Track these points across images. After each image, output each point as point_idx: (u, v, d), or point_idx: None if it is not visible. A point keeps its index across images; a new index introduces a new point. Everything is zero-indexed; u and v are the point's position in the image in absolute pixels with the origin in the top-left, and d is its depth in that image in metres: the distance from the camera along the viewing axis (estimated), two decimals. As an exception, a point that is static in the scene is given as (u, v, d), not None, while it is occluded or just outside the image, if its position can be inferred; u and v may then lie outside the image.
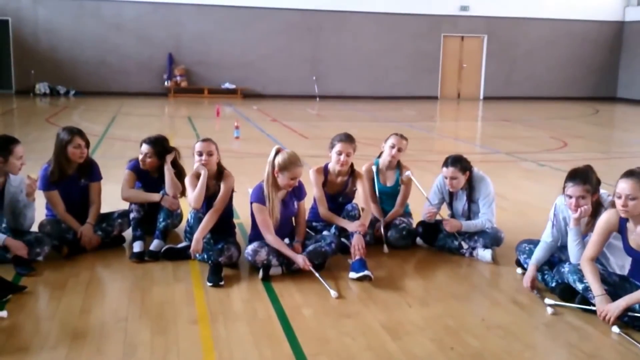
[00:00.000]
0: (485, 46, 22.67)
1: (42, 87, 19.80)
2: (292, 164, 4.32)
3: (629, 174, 3.62)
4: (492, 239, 4.85)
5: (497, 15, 22.17)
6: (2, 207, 4.43)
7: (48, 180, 4.72)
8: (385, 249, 4.95)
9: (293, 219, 4.63)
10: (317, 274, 4.20)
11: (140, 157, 4.96)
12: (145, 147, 4.96)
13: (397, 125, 13.18)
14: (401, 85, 22.05)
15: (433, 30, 22.13)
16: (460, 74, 22.88)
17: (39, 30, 19.45)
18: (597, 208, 3.99)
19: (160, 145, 4.98)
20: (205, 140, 4.71)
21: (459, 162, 4.85)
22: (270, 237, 4.32)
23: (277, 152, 4.36)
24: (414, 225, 5.16)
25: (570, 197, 3.97)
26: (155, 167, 5.00)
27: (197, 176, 4.58)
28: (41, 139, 10.21)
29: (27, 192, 4.44)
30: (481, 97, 22.91)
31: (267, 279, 4.26)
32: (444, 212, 5.14)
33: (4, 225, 4.41)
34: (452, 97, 22.80)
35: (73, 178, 4.77)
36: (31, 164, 5.22)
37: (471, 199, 4.92)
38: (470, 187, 4.90)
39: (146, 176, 5.04)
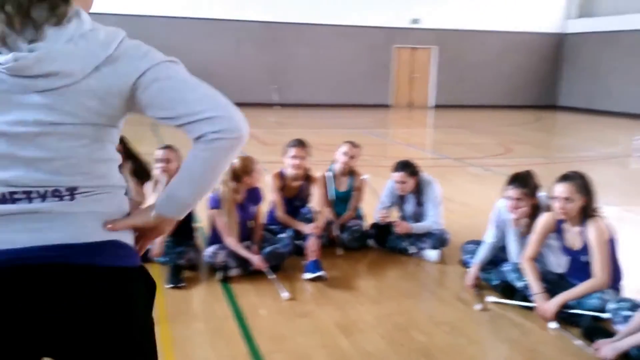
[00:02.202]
0: (435, 57, 23.02)
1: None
2: (249, 166, 4.35)
3: (565, 177, 3.74)
4: (439, 240, 4.94)
5: (446, 27, 22.55)
6: None
7: None
8: (339, 250, 4.99)
9: (250, 222, 4.63)
10: (271, 276, 4.22)
11: None
12: None
13: (353, 132, 13.28)
14: (357, 94, 22.22)
15: (386, 42, 22.38)
16: (412, 84, 23.18)
17: None
18: (536, 210, 4.11)
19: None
20: (165, 147, 4.67)
21: (407, 167, 4.94)
22: (229, 240, 4.32)
23: (230, 165, 4.35)
24: (366, 228, 5.23)
25: (509, 199, 4.09)
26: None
27: (157, 183, 4.55)
28: None
29: None
30: (431, 105, 23.24)
31: (225, 280, 4.26)
32: (395, 214, 5.22)
33: None
34: (404, 106, 23.06)
35: None
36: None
37: (419, 202, 5.01)
38: (419, 191, 4.99)
39: None
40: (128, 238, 1.46)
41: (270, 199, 4.99)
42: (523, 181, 4.09)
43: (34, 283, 1.31)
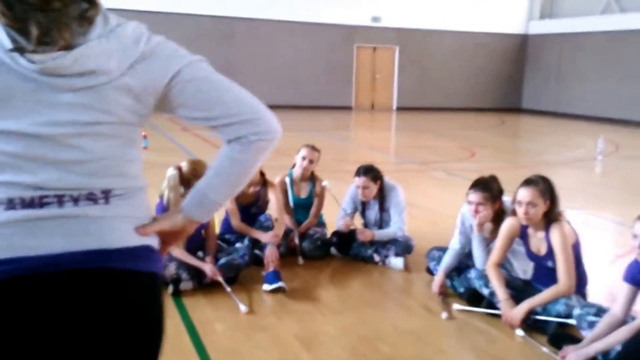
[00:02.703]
0: (397, 57, 23.22)
1: None
2: (199, 170, 4.24)
3: (528, 182, 3.80)
4: (404, 247, 4.96)
5: (408, 27, 22.76)
6: None
7: None
8: (300, 259, 4.97)
9: (203, 231, 4.56)
10: (227, 288, 4.17)
11: None
12: None
13: (313, 135, 13.29)
14: (316, 95, 22.23)
15: (346, 41, 22.46)
16: (374, 85, 23.33)
17: None
18: (500, 215, 4.17)
19: None
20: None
21: (370, 172, 4.96)
22: (176, 250, 4.23)
23: (179, 168, 4.24)
24: (328, 235, 5.22)
25: (471, 203, 4.14)
26: None
27: None
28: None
29: None
30: (394, 107, 23.44)
31: (177, 293, 4.18)
32: (357, 221, 5.23)
33: None
34: (366, 108, 23.20)
35: None
36: None
37: (383, 208, 5.04)
38: (382, 196, 5.01)
39: None
40: (155, 242, 1.50)
41: (225, 206, 4.93)
42: (485, 186, 4.15)
43: (71, 288, 1.34)
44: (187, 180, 4.16)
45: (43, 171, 1.32)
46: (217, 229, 4.89)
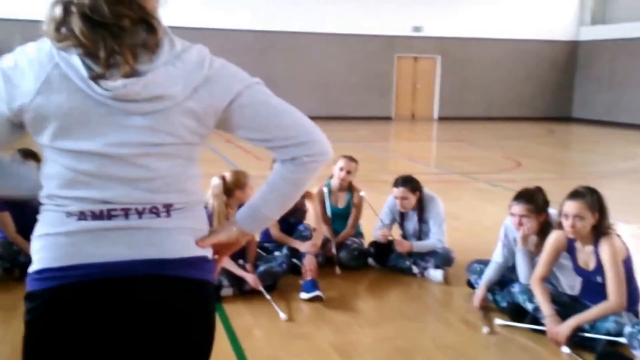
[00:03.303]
0: (438, 66, 23.20)
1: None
2: (241, 180, 4.43)
3: (575, 194, 3.80)
4: (443, 259, 5.00)
5: (450, 35, 22.74)
6: None
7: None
8: (337, 269, 5.05)
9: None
10: (267, 296, 4.29)
11: None
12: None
13: (351, 146, 13.36)
14: (355, 106, 22.34)
15: (386, 51, 22.54)
16: (414, 95, 23.34)
17: None
18: (546, 228, 4.16)
19: None
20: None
21: (409, 183, 5.02)
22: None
23: (223, 178, 4.44)
24: (366, 246, 5.29)
25: (514, 215, 4.16)
26: None
27: None
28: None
29: None
30: (435, 117, 23.39)
31: (218, 300, 4.32)
32: (396, 232, 5.29)
33: None
34: (406, 118, 23.20)
35: (25, 200, 4.69)
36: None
37: (422, 219, 5.09)
38: (421, 207, 5.07)
39: None
40: (210, 253, 1.63)
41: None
42: (529, 197, 4.16)
43: (134, 292, 1.49)
44: (229, 189, 4.37)
45: (111, 188, 1.47)
46: (257, 238, 5.02)
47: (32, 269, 1.51)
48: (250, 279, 4.36)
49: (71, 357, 1.48)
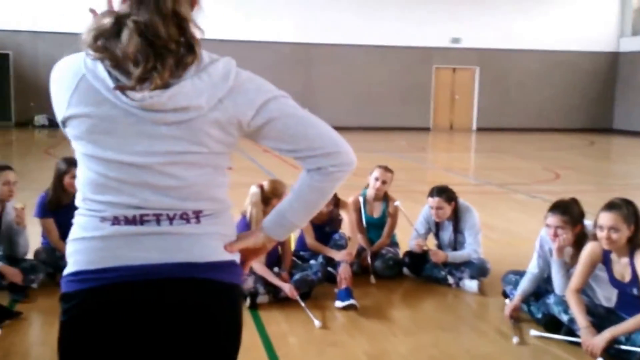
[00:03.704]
0: (477, 77, 23.06)
1: (41, 119, 19.88)
2: (279, 189, 4.49)
3: (611, 205, 3.75)
4: (479, 270, 4.98)
5: (489, 47, 22.59)
6: None
7: (44, 208, 4.83)
8: (372, 279, 5.06)
9: (279, 248, 4.75)
10: (302, 303, 4.32)
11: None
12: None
13: (388, 156, 13.37)
14: (393, 117, 22.34)
15: (424, 62, 22.52)
16: (453, 106, 23.23)
17: (39, 64, 19.45)
18: (582, 239, 4.12)
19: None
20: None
21: (444, 192, 5.02)
22: (257, 266, 4.44)
23: (261, 187, 4.49)
24: (401, 256, 5.29)
25: (549, 227, 4.13)
26: None
27: None
28: (40, 169, 10.16)
29: (15, 220, 4.59)
30: (474, 128, 23.22)
31: (254, 307, 4.38)
32: (431, 242, 5.28)
33: (0, 252, 4.54)
34: (445, 128, 23.10)
35: (69, 207, 4.82)
36: (30, 193, 5.51)
37: (457, 230, 5.07)
38: (456, 218, 5.05)
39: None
40: (238, 257, 1.68)
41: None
42: (564, 208, 4.12)
43: (165, 294, 1.54)
44: (267, 198, 4.43)
45: (141, 194, 1.52)
46: (293, 246, 5.07)
47: (67, 271, 1.58)
48: (287, 288, 4.40)
49: (103, 356, 1.54)
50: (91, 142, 1.52)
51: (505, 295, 4.66)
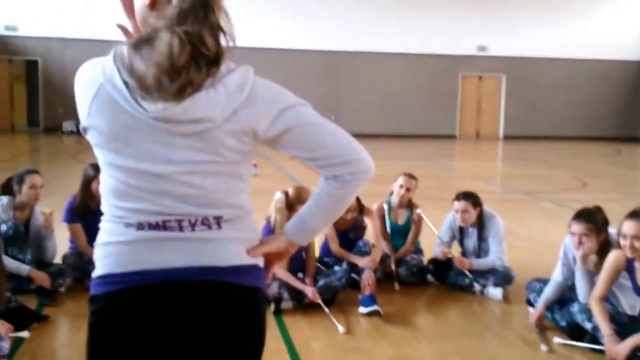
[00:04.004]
0: (504, 85, 22.92)
1: (69, 125, 20.31)
2: (303, 196, 4.53)
3: (634, 214, 3.73)
4: (503, 278, 4.95)
5: (515, 55, 22.46)
6: (27, 239, 4.68)
7: (72, 213, 4.90)
8: (396, 285, 5.07)
9: (304, 254, 4.79)
10: (326, 309, 4.35)
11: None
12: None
13: (414, 164, 13.36)
14: (419, 124, 22.32)
15: (451, 70, 22.47)
16: (479, 113, 23.12)
17: (67, 70, 19.94)
18: (606, 247, 4.09)
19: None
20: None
21: (470, 197, 5.02)
22: (280, 271, 4.49)
23: (286, 193, 4.54)
24: (425, 263, 5.30)
25: (573, 234, 4.11)
26: None
27: None
28: (68, 175, 10.36)
29: (43, 225, 4.69)
30: (501, 136, 23.07)
31: (278, 312, 4.42)
32: (455, 250, 5.27)
33: (28, 257, 4.63)
34: (471, 136, 22.99)
35: (96, 212, 4.90)
36: (58, 199, 5.61)
37: (481, 237, 5.07)
38: (481, 225, 5.05)
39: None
40: (261, 261, 1.71)
41: (324, 232, 5.15)
42: (588, 216, 4.10)
43: (188, 297, 1.57)
44: (291, 204, 4.48)
45: (162, 201, 1.55)
46: (317, 253, 5.11)
47: (95, 274, 1.62)
48: (309, 291, 4.44)
49: (129, 356, 1.58)
50: (111, 150, 1.55)
51: (530, 303, 4.64)
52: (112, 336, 1.59)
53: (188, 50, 1.45)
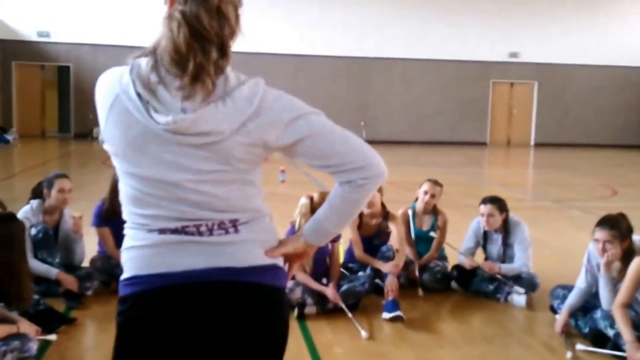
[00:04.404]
0: (535, 92, 22.77)
1: (99, 131, 20.65)
2: None
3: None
4: (527, 284, 4.98)
5: (548, 61, 22.30)
6: (56, 242, 4.82)
7: (100, 217, 5.03)
8: (420, 291, 5.13)
9: (328, 260, 4.87)
10: (349, 314, 4.43)
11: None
12: None
13: (444, 171, 13.36)
14: (449, 131, 22.27)
15: (482, 77, 22.40)
16: (510, 120, 22.99)
17: (97, 76, 20.06)
18: (630, 254, 4.11)
19: None
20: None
21: (496, 201, 5.07)
22: (301, 276, 4.59)
23: (311, 198, 4.63)
24: (449, 269, 5.35)
25: (597, 241, 4.13)
26: None
27: None
28: (97, 181, 10.52)
29: (73, 229, 4.83)
30: (532, 143, 22.91)
31: (301, 317, 4.51)
32: (479, 257, 5.31)
33: (57, 260, 4.76)
34: (502, 144, 22.87)
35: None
36: (87, 204, 5.80)
37: (506, 243, 5.10)
38: (506, 231, 5.08)
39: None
40: (280, 261, 1.80)
41: (348, 237, 5.23)
42: (612, 223, 4.12)
43: (210, 296, 1.67)
44: (315, 209, 4.55)
45: (178, 207, 1.64)
46: (342, 259, 5.19)
47: (123, 276, 1.72)
48: (330, 293, 4.52)
49: (156, 353, 1.68)
50: (127, 159, 1.65)
51: (553, 310, 4.66)
52: (138, 335, 1.69)
53: (185, 30, 1.54)
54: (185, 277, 1.65)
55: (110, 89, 1.64)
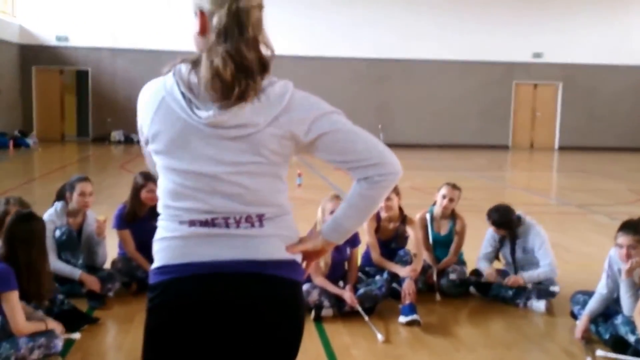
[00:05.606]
0: (560, 94, 22.64)
1: (117, 135, 21.00)
2: None
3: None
4: (547, 290, 5.01)
5: (572, 62, 22.15)
6: (79, 244, 4.98)
7: (121, 220, 5.20)
8: (438, 296, 5.18)
9: (346, 263, 4.95)
10: (366, 317, 4.50)
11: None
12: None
13: (465, 175, 13.37)
14: (471, 134, 22.21)
15: (505, 78, 22.30)
16: (534, 123, 22.87)
17: (116, 80, 20.76)
18: (651, 260, 4.13)
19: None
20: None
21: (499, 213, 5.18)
22: (318, 279, 4.68)
23: (336, 197, 4.71)
24: (468, 274, 5.39)
25: (621, 246, 4.15)
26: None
27: None
28: (116, 184, 10.77)
29: (96, 232, 4.99)
30: (556, 147, 22.78)
31: (318, 319, 4.59)
32: (499, 265, 5.36)
33: (80, 261, 4.93)
34: (525, 147, 22.76)
35: (145, 219, 5.16)
36: (107, 207, 5.96)
37: (523, 248, 5.13)
38: (516, 233, 5.13)
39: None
40: (299, 257, 1.95)
41: (366, 241, 5.29)
42: (635, 227, 4.14)
43: (234, 286, 1.82)
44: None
45: (213, 200, 1.81)
46: (359, 262, 5.25)
47: (153, 266, 1.89)
48: (347, 295, 4.60)
49: (182, 337, 1.83)
50: (169, 155, 1.82)
51: (574, 315, 4.68)
52: (166, 319, 1.85)
53: (231, 67, 1.73)
54: (212, 267, 1.80)
55: (155, 94, 1.83)
